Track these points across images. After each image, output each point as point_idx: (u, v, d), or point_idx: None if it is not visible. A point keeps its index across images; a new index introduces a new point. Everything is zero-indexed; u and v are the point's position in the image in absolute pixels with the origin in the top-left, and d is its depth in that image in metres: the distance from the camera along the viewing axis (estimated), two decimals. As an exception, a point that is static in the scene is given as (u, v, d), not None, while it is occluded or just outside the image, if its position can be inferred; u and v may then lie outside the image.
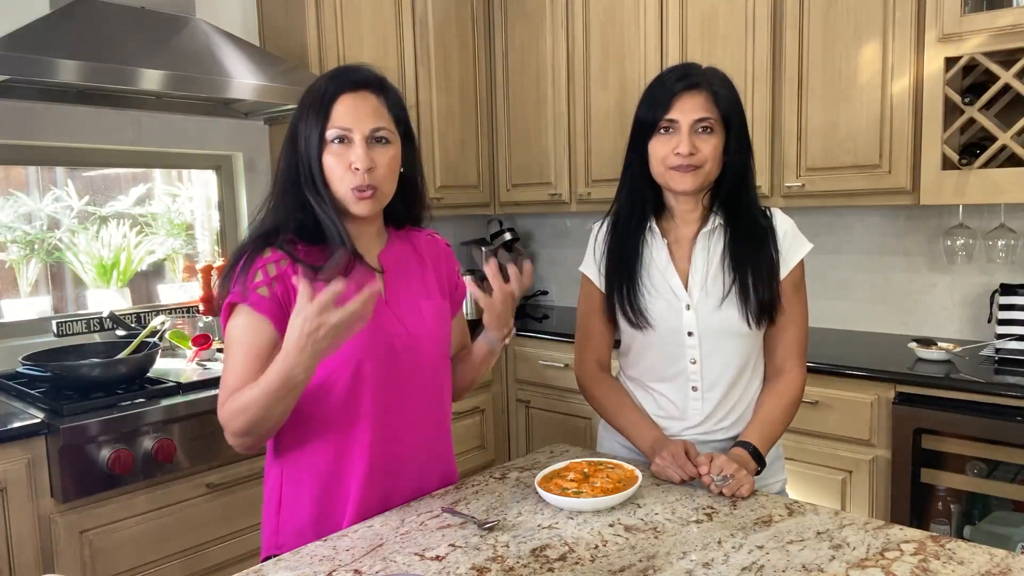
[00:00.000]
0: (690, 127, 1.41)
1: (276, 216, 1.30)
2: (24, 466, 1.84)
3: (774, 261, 1.47)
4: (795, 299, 1.50)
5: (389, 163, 1.29)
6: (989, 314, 2.45)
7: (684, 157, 1.41)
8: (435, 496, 1.38)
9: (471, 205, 3.47)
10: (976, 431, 2.08)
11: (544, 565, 1.10)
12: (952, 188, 2.26)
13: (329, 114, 1.25)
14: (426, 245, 1.46)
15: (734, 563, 1.09)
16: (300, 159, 1.27)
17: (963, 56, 2.21)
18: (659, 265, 1.51)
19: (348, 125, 1.25)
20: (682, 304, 1.48)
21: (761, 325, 1.47)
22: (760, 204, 1.52)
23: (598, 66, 3.11)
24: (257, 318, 1.25)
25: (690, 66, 1.47)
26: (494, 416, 3.22)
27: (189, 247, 2.98)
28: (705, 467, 1.33)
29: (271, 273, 1.25)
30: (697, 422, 1.51)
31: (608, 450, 1.64)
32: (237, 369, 1.25)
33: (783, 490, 1.58)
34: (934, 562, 1.08)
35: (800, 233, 1.52)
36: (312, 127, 1.26)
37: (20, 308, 2.54)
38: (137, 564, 1.99)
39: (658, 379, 1.54)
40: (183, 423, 2.05)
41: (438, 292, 1.43)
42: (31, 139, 2.40)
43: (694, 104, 1.41)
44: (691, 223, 1.52)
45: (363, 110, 1.26)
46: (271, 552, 1.34)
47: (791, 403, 1.50)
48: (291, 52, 2.80)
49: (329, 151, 1.26)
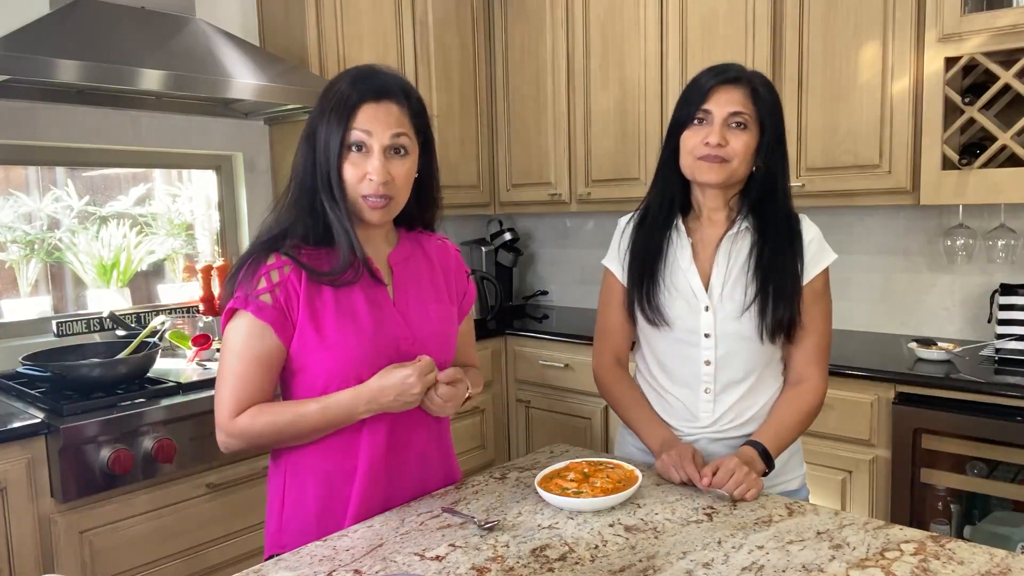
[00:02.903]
0: (723, 120, 1.40)
1: (285, 219, 1.30)
2: (24, 466, 1.84)
3: (798, 276, 1.45)
4: (817, 307, 1.48)
5: (406, 175, 1.29)
6: (989, 314, 2.45)
7: (712, 148, 1.39)
8: (435, 496, 1.38)
9: (471, 205, 3.46)
10: (976, 431, 2.08)
11: (544, 565, 1.10)
12: (952, 188, 2.26)
13: (350, 121, 1.25)
14: (436, 250, 1.46)
15: (734, 563, 1.09)
16: (318, 161, 1.27)
17: (963, 56, 2.21)
18: (681, 264, 1.50)
19: (368, 135, 1.25)
20: (701, 305, 1.47)
21: (776, 340, 1.46)
22: (795, 213, 1.49)
23: (598, 66, 3.11)
24: (259, 325, 1.25)
25: (732, 64, 1.46)
26: (494, 416, 3.22)
27: (189, 247, 2.98)
28: (707, 479, 1.32)
29: (274, 280, 1.25)
30: (707, 423, 1.50)
31: (625, 453, 1.63)
32: (241, 376, 1.25)
33: (803, 486, 1.56)
34: (934, 562, 1.08)
35: (825, 242, 1.50)
36: (333, 132, 1.25)
37: (20, 308, 2.54)
38: (137, 564, 1.99)
39: (671, 380, 1.53)
40: (183, 423, 2.05)
41: (446, 297, 1.43)
42: (31, 139, 2.40)
43: (730, 98, 1.40)
44: (717, 224, 1.50)
45: (384, 120, 1.26)
46: (274, 551, 1.34)
47: (809, 410, 1.48)
48: (291, 52, 2.80)
49: (348, 158, 1.26)
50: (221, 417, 1.27)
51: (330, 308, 1.27)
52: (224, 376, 1.27)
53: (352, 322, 1.28)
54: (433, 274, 1.42)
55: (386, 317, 1.31)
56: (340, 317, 1.27)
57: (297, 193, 1.29)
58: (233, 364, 1.26)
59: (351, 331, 1.27)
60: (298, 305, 1.26)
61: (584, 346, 2.93)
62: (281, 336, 1.26)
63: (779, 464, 1.46)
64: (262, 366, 1.26)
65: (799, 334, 1.48)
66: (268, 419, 1.25)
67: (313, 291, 1.27)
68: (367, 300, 1.30)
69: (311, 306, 1.26)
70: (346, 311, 1.28)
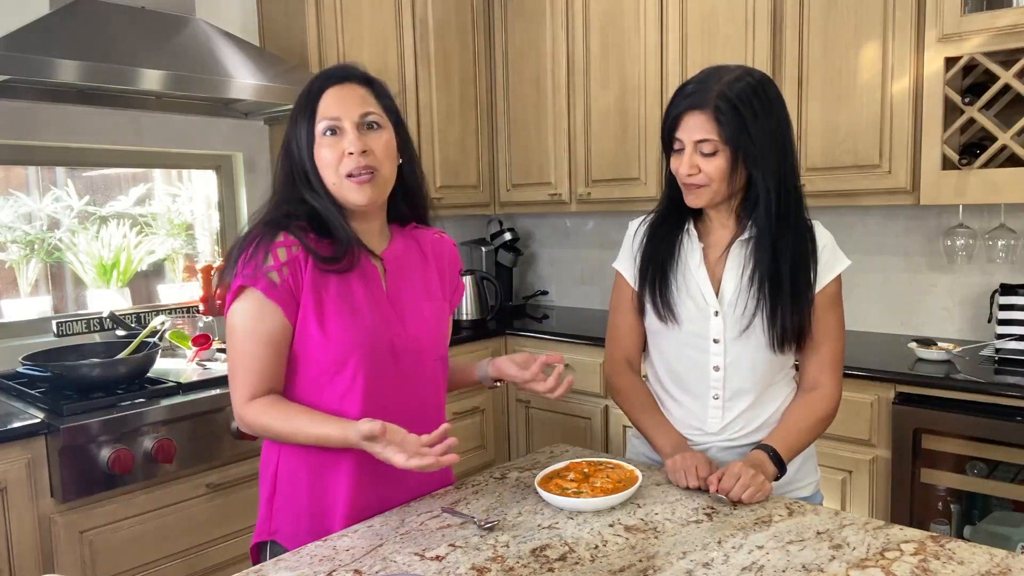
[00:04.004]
0: (693, 147, 1.38)
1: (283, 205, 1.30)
2: (24, 466, 1.84)
3: (809, 283, 1.44)
4: (829, 315, 1.47)
5: (385, 146, 1.28)
6: (989, 314, 2.45)
7: (685, 177, 1.40)
8: (435, 496, 1.38)
9: (471, 205, 3.47)
10: (976, 431, 2.08)
11: (544, 565, 1.10)
12: (952, 188, 2.26)
13: (316, 108, 1.26)
14: (432, 244, 1.45)
15: (734, 563, 1.09)
16: (294, 161, 1.27)
17: (963, 56, 2.21)
18: (692, 268, 1.49)
19: (336, 114, 1.25)
20: (711, 310, 1.46)
21: (784, 351, 1.44)
22: (807, 217, 1.46)
23: (598, 66, 3.11)
24: (267, 304, 1.24)
25: (702, 81, 1.38)
26: (494, 416, 3.22)
27: (189, 247, 2.98)
28: (714, 486, 1.31)
29: (282, 258, 1.24)
30: (715, 430, 1.49)
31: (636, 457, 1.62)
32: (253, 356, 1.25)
33: (817, 492, 1.55)
34: (934, 562, 1.07)
35: (838, 249, 1.49)
36: (301, 125, 1.26)
37: (20, 308, 2.54)
38: (137, 564, 1.99)
39: (679, 385, 1.52)
40: (183, 423, 2.05)
41: (440, 293, 1.43)
42: (31, 139, 2.40)
43: (695, 125, 1.37)
44: (727, 228, 1.49)
45: (350, 99, 1.26)
46: (263, 538, 1.34)
47: (822, 417, 1.47)
48: (291, 52, 2.80)
49: (320, 144, 1.26)
50: (236, 401, 1.27)
51: (333, 299, 1.27)
52: (235, 358, 1.26)
53: (352, 315, 1.28)
54: (427, 270, 1.42)
55: (382, 314, 1.31)
56: (341, 309, 1.27)
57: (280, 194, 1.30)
58: (244, 345, 1.25)
59: (350, 324, 1.27)
60: (303, 287, 1.26)
61: (584, 346, 2.93)
62: (288, 316, 1.26)
63: (792, 470, 1.44)
64: (272, 346, 1.25)
65: (812, 341, 1.46)
66: (266, 423, 1.25)
67: (318, 278, 1.26)
68: (367, 296, 1.30)
69: (316, 294, 1.26)
70: (347, 303, 1.28)
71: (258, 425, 1.26)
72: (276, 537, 1.33)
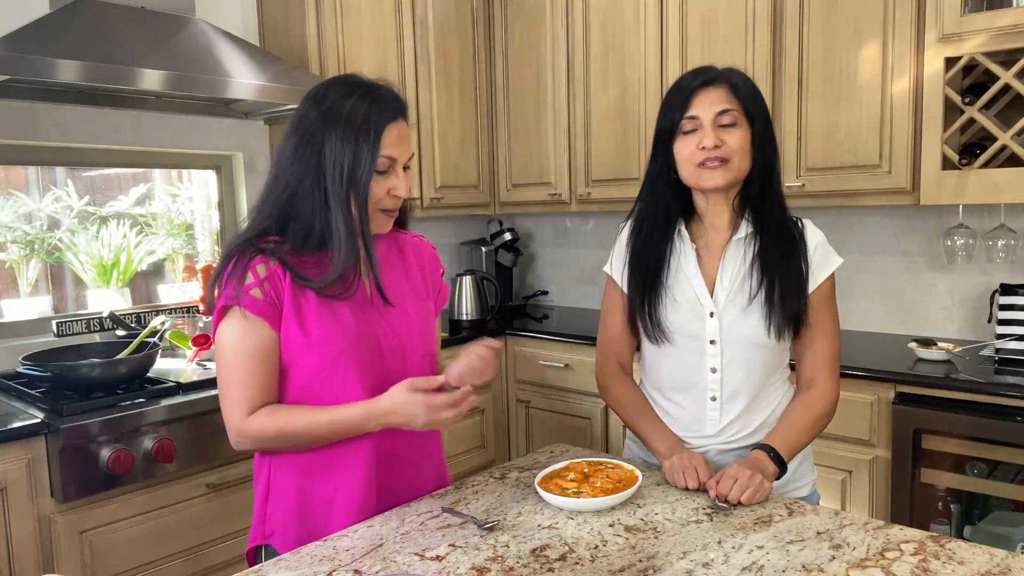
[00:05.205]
0: (712, 121, 1.39)
1: (263, 220, 1.29)
2: (24, 466, 1.84)
3: (803, 273, 1.44)
4: (825, 313, 1.47)
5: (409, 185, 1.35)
6: (989, 314, 2.45)
7: (710, 151, 1.38)
8: (435, 496, 1.38)
9: (471, 205, 3.46)
10: (976, 431, 2.08)
11: (544, 565, 1.10)
12: (952, 188, 2.26)
13: (379, 143, 1.26)
14: (412, 247, 1.48)
15: (734, 563, 1.09)
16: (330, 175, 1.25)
17: (963, 56, 2.21)
18: (686, 271, 1.48)
19: (395, 156, 1.29)
20: (706, 311, 1.45)
21: (783, 337, 1.44)
22: (789, 210, 1.49)
23: (598, 66, 3.11)
24: (253, 320, 1.25)
25: (707, 67, 1.46)
26: (494, 416, 3.22)
27: (189, 247, 2.98)
28: (713, 491, 1.31)
29: (261, 274, 1.25)
30: (713, 432, 1.48)
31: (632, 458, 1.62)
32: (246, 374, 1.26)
33: (814, 491, 1.55)
34: (934, 562, 1.08)
35: (831, 247, 1.50)
36: (364, 152, 1.25)
37: (20, 308, 2.54)
38: (137, 564, 1.99)
39: (675, 388, 1.52)
40: (183, 423, 2.05)
41: (424, 293, 1.45)
42: (31, 139, 2.40)
43: (713, 98, 1.39)
44: (721, 228, 1.49)
45: (406, 140, 1.32)
46: (257, 542, 1.35)
47: (820, 416, 1.46)
48: (291, 52, 2.80)
49: (377, 181, 1.28)
50: (233, 418, 1.27)
51: (312, 306, 1.28)
52: (227, 376, 1.27)
53: (334, 321, 1.28)
54: (410, 272, 1.44)
55: (368, 316, 1.32)
56: (322, 315, 1.28)
57: (287, 199, 1.28)
58: (235, 363, 1.26)
59: (333, 329, 1.28)
60: (284, 296, 1.27)
61: (584, 346, 2.93)
62: (274, 327, 1.27)
63: (790, 470, 1.44)
64: (263, 360, 1.27)
65: (807, 338, 1.47)
66: (280, 425, 1.26)
67: (297, 288, 1.28)
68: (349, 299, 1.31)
69: (295, 302, 1.27)
70: (327, 310, 1.29)
71: (268, 431, 1.26)
72: (271, 541, 1.33)
